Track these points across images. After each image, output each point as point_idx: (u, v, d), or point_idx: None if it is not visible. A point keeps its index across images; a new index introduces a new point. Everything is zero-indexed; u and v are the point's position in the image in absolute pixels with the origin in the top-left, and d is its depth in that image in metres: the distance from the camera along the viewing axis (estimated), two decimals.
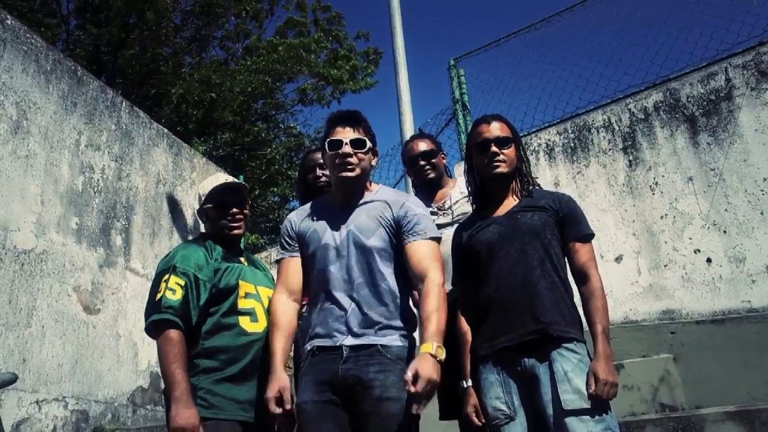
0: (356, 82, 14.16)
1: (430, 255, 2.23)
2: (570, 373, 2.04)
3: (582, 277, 2.25)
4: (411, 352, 2.24)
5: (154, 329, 2.33)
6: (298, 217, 2.47)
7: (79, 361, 5.25)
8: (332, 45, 14.65)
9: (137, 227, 6.39)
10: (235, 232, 2.63)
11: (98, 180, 5.97)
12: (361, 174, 2.34)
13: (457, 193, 3.12)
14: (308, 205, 2.54)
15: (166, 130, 7.39)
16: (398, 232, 2.28)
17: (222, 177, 2.72)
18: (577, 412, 1.97)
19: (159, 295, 2.36)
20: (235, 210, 2.62)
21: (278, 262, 2.47)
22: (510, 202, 2.38)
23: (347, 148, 2.29)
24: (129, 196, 6.37)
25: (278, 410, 2.11)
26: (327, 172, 3.06)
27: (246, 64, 13.36)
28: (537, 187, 2.46)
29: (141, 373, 5.92)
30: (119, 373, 5.67)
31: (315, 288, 2.34)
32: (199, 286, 2.40)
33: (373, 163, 2.42)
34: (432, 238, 2.28)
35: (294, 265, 2.41)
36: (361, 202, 2.37)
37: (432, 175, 3.20)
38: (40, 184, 5.27)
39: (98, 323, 5.56)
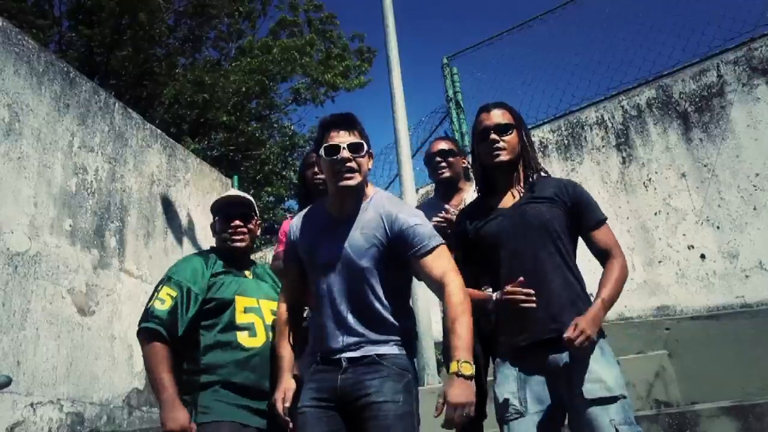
0: (349, 81, 14.14)
1: (443, 263, 2.18)
2: (591, 363, 2.04)
3: (604, 256, 2.22)
4: (410, 360, 2.25)
5: (142, 336, 2.42)
6: (296, 226, 2.44)
7: (74, 363, 5.23)
8: (326, 45, 14.62)
9: (131, 228, 6.37)
10: (237, 244, 2.64)
11: (92, 181, 5.95)
12: (361, 181, 2.28)
13: (472, 195, 3.12)
14: (307, 211, 2.51)
15: (159, 131, 7.37)
16: (395, 249, 2.23)
17: (232, 192, 2.80)
18: (599, 401, 1.97)
19: (149, 304, 2.46)
20: (237, 222, 2.64)
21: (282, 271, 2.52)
22: (515, 193, 2.33)
23: (345, 153, 2.21)
24: (123, 197, 6.35)
25: (283, 410, 2.20)
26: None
27: (239, 64, 13.33)
28: (543, 174, 2.41)
29: (136, 374, 5.90)
30: (114, 375, 5.65)
31: (315, 305, 2.35)
32: (189, 299, 2.46)
33: (369, 165, 2.35)
34: (436, 246, 2.21)
35: (293, 274, 2.43)
36: (357, 212, 2.31)
37: (446, 174, 3.24)
38: (33, 186, 5.25)
39: (93, 325, 5.54)
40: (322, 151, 2.26)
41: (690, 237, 4.99)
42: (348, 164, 2.22)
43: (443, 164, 3.25)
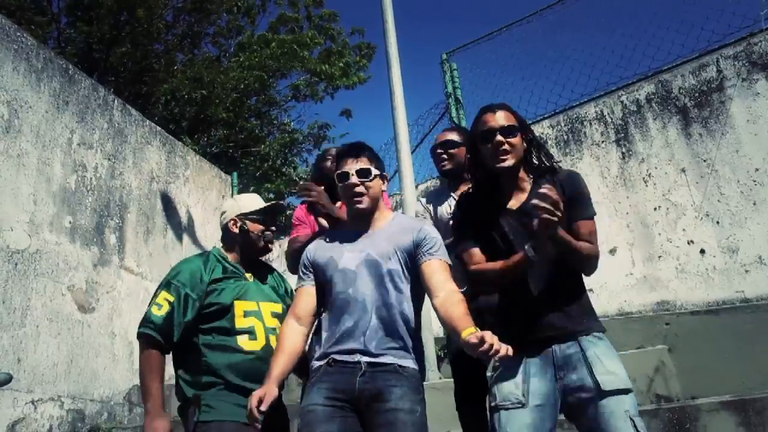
0: (349, 77, 14.09)
1: (447, 271, 2.32)
2: (602, 356, 2.10)
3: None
4: (422, 377, 2.34)
5: (140, 341, 2.54)
6: (314, 248, 2.54)
7: (75, 360, 5.24)
8: (326, 43, 14.57)
9: (131, 225, 6.37)
10: (269, 247, 2.80)
11: (91, 178, 5.95)
12: (371, 202, 2.44)
13: None
14: (325, 235, 2.61)
15: (158, 128, 7.37)
16: (415, 254, 2.35)
17: (260, 199, 2.86)
18: (616, 392, 2.04)
19: (147, 309, 2.57)
20: (274, 229, 2.81)
21: (295, 290, 2.56)
22: (522, 194, 2.29)
23: (354, 179, 2.40)
24: (122, 194, 6.35)
25: (255, 409, 2.14)
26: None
27: (238, 60, 13.29)
28: (553, 166, 2.34)
29: (136, 371, 5.85)
30: (115, 372, 5.66)
31: (332, 310, 2.37)
32: (187, 304, 2.53)
33: (384, 187, 2.53)
34: (445, 259, 2.36)
35: (306, 294, 2.46)
36: (379, 228, 2.45)
37: (447, 166, 3.29)
38: (33, 184, 5.25)
39: (93, 322, 5.54)
40: (336, 179, 2.47)
41: (690, 232, 4.99)
42: (356, 189, 2.41)
43: (444, 156, 3.30)
